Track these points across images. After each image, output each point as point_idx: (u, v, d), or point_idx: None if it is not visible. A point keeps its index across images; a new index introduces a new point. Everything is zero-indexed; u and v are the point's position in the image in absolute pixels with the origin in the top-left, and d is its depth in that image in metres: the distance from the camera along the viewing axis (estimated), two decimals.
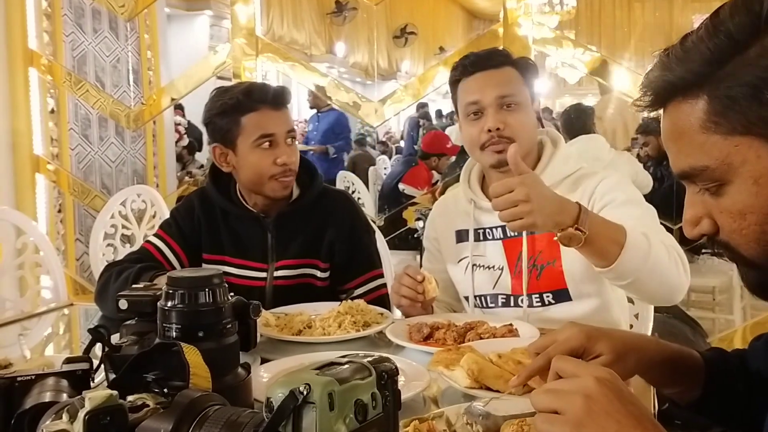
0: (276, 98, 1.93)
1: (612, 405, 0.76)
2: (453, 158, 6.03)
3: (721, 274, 4.04)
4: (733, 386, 1.08)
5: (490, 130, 1.74)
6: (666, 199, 3.68)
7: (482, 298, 1.87)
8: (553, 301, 1.77)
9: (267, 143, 1.91)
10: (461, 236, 1.92)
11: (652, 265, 1.46)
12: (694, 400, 1.08)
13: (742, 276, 0.86)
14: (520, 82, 1.80)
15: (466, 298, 1.92)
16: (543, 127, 1.90)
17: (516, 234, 1.80)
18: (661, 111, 0.85)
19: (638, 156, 5.17)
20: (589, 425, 0.75)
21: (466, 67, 1.82)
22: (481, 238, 1.88)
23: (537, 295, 1.79)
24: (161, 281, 1.71)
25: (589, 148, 3.97)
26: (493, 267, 1.85)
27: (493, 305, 1.85)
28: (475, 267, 1.87)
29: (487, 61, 1.80)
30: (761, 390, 1.04)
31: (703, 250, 4.04)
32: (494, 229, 1.85)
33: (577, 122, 4.55)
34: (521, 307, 1.81)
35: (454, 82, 1.85)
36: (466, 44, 3.78)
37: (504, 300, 1.84)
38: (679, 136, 0.82)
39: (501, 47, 3.42)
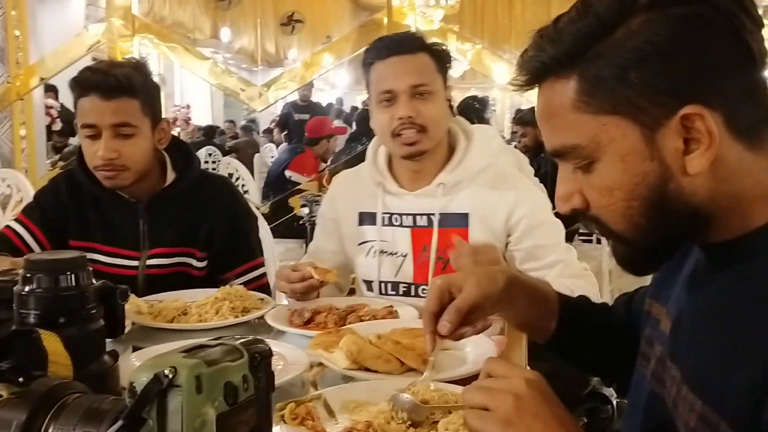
0: (106, 87, 1.76)
1: (540, 406, 0.79)
2: (339, 138, 6.07)
3: (592, 258, 4.23)
4: (586, 326, 1.14)
5: (401, 118, 1.73)
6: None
7: (384, 284, 1.87)
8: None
9: (89, 132, 1.80)
10: (365, 219, 1.89)
11: None
12: (549, 338, 1.12)
13: (612, 250, 0.89)
14: (433, 69, 1.77)
15: (368, 283, 1.90)
16: (454, 115, 1.90)
17: (426, 225, 1.81)
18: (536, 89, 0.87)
19: (516, 147, 5.35)
20: (517, 423, 0.78)
21: (380, 51, 1.78)
22: (387, 223, 1.86)
23: None
24: None
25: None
26: (397, 254, 1.84)
27: (393, 293, 1.85)
28: (380, 252, 1.86)
29: (401, 46, 1.77)
30: (619, 337, 1.10)
31: (579, 234, 4.23)
32: (404, 216, 1.84)
33: (466, 116, 4.62)
34: (422, 297, 1.81)
35: (367, 65, 1.80)
36: (351, 32, 3.79)
37: (405, 288, 1.84)
38: (552, 115, 0.84)
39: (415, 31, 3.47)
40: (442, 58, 1.80)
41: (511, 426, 0.78)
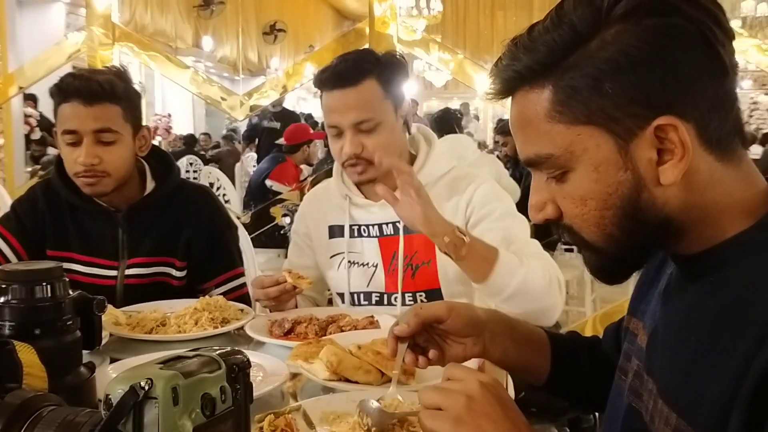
0: (88, 92, 1.75)
1: (492, 407, 0.81)
2: (320, 143, 6.08)
3: (574, 268, 4.26)
4: (579, 362, 1.14)
5: (347, 154, 1.72)
6: (524, 196, 3.84)
7: (356, 295, 1.87)
8: (425, 300, 1.79)
9: (70, 139, 1.79)
10: (335, 232, 1.90)
11: (522, 283, 1.53)
12: (546, 379, 1.13)
13: (584, 260, 0.89)
14: (380, 97, 1.73)
15: (340, 295, 1.91)
16: (410, 132, 1.88)
17: (393, 233, 1.81)
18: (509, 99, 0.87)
19: (498, 157, 5.38)
20: (468, 423, 0.80)
21: (323, 83, 1.74)
22: (356, 234, 1.87)
23: (410, 294, 1.81)
24: None
25: (455, 147, 4.08)
26: (368, 264, 1.85)
27: (366, 303, 1.86)
28: (350, 264, 1.86)
29: (345, 78, 1.71)
30: (606, 370, 1.10)
31: (562, 244, 4.24)
32: (371, 227, 1.85)
33: (445, 125, 4.65)
34: (394, 305, 1.82)
35: (318, 89, 1.79)
36: (333, 41, 3.80)
37: (378, 298, 1.85)
38: (526, 125, 0.84)
39: (367, 46, 3.48)
40: (392, 78, 1.75)
41: (462, 425, 0.80)
